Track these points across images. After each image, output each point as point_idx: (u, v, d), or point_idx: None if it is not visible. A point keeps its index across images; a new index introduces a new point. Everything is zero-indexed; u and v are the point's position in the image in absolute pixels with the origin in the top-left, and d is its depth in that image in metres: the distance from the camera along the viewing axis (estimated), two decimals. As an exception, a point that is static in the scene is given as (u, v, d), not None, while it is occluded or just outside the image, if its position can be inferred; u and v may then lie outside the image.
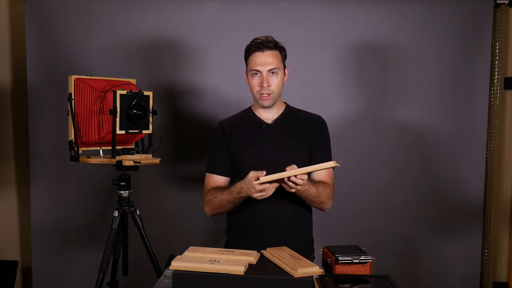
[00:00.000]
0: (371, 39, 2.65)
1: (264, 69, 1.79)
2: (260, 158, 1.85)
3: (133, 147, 2.11)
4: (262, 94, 1.81)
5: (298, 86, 2.54)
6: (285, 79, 1.88)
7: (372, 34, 2.65)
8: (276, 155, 1.85)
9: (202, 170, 1.92)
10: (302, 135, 1.88)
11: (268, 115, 1.90)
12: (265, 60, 1.80)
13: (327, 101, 2.63)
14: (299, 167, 1.87)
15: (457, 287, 2.72)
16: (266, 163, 1.84)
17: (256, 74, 1.81)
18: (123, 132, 1.94)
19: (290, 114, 1.92)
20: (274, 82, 1.81)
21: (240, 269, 1.27)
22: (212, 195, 1.84)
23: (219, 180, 1.89)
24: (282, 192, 1.84)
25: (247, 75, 1.88)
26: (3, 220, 2.88)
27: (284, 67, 1.88)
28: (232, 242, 1.95)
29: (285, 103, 1.96)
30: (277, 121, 1.90)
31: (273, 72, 1.81)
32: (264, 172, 1.62)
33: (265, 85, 1.79)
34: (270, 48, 1.81)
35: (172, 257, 1.74)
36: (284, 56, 1.88)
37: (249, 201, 1.86)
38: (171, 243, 2.58)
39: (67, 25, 2.61)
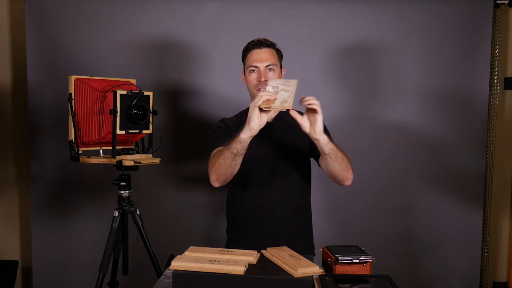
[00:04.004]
0: (370, 38, 2.65)
1: (262, 65, 1.82)
2: (261, 156, 1.86)
3: (133, 147, 2.11)
4: (260, 89, 1.82)
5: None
6: (281, 79, 1.90)
7: (372, 34, 2.65)
8: (276, 153, 1.88)
9: (202, 170, 1.92)
10: (298, 131, 1.89)
11: None
12: (263, 56, 1.83)
13: (327, 100, 2.63)
14: (298, 163, 1.90)
15: (457, 287, 2.72)
16: (267, 161, 1.87)
17: (254, 70, 1.84)
18: (123, 132, 1.94)
19: (287, 113, 1.94)
20: (272, 78, 1.82)
21: (240, 269, 1.27)
22: (214, 158, 1.75)
23: None
24: (281, 188, 1.86)
25: (244, 75, 1.90)
26: (3, 220, 2.88)
27: (281, 67, 1.91)
28: (233, 240, 1.96)
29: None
30: (275, 120, 1.91)
31: (270, 69, 1.84)
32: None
33: (262, 79, 1.81)
34: (268, 46, 1.86)
35: (172, 257, 1.74)
36: (280, 57, 1.91)
37: (249, 198, 1.87)
38: (171, 243, 2.58)
39: (67, 25, 2.61)
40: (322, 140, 1.59)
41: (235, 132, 1.89)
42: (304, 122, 1.58)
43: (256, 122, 1.55)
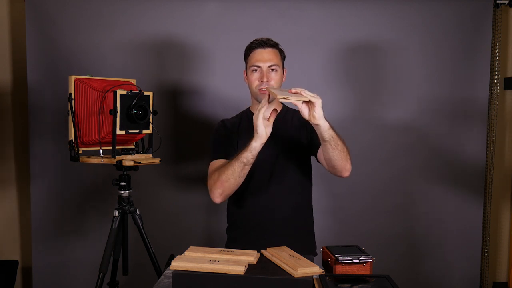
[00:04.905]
0: (370, 38, 2.65)
1: (265, 65, 1.82)
2: (261, 156, 1.85)
3: (133, 147, 2.11)
4: (262, 89, 1.82)
5: (298, 86, 2.53)
6: (283, 79, 1.90)
7: (372, 33, 2.65)
8: (276, 153, 1.87)
9: (202, 170, 1.92)
10: (299, 131, 1.90)
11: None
12: (266, 56, 1.82)
13: (327, 100, 2.60)
14: (299, 162, 1.90)
15: (457, 287, 2.72)
16: (267, 161, 1.87)
17: (256, 70, 1.83)
18: (123, 132, 1.94)
19: (287, 114, 1.95)
20: (274, 79, 1.83)
21: (240, 269, 1.27)
22: (218, 171, 1.74)
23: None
24: (281, 188, 1.86)
25: (246, 74, 1.90)
26: (3, 220, 2.88)
27: (283, 67, 1.90)
28: (233, 240, 1.95)
29: (282, 103, 1.97)
30: (275, 120, 1.91)
31: (272, 69, 1.83)
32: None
33: (265, 80, 1.80)
34: (271, 46, 1.85)
35: (172, 257, 1.74)
36: (283, 57, 1.91)
37: (249, 198, 1.87)
38: (171, 243, 2.58)
39: (67, 25, 2.61)
40: (322, 125, 1.57)
41: (235, 133, 1.89)
42: (303, 108, 1.57)
43: (263, 129, 1.59)
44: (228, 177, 1.70)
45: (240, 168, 1.67)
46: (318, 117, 1.55)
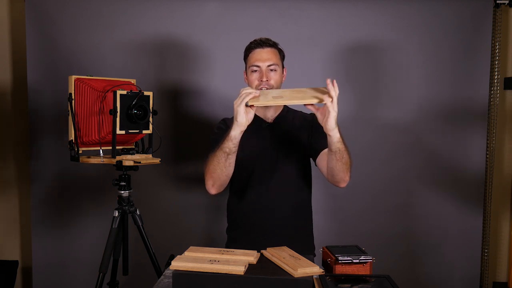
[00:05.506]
0: (370, 39, 2.65)
1: (264, 65, 1.82)
2: (261, 156, 1.86)
3: (133, 147, 2.11)
4: (261, 88, 1.82)
5: (298, 86, 2.53)
6: (283, 79, 1.90)
7: (372, 33, 2.65)
8: (276, 153, 1.88)
9: (202, 170, 1.92)
10: (299, 131, 1.90)
11: (267, 114, 1.92)
12: (265, 56, 1.83)
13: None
14: (299, 163, 1.90)
15: (457, 287, 2.72)
16: (267, 161, 1.87)
17: (255, 70, 1.84)
18: (123, 132, 1.94)
19: (288, 114, 1.95)
20: (273, 78, 1.83)
21: (240, 269, 1.27)
22: (207, 163, 1.76)
23: None
24: (281, 188, 1.86)
25: (246, 74, 1.90)
26: (3, 220, 2.88)
27: (283, 67, 1.90)
28: (233, 240, 1.96)
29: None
30: (276, 120, 1.92)
31: (272, 69, 1.83)
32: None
33: (264, 79, 1.81)
34: (270, 46, 1.86)
35: (172, 257, 1.74)
36: (282, 57, 1.91)
37: (249, 198, 1.87)
38: (171, 243, 2.58)
39: (67, 25, 2.61)
40: (333, 137, 1.59)
41: None
42: (319, 114, 1.59)
43: (243, 117, 1.59)
44: (214, 168, 1.71)
45: (224, 158, 1.68)
46: (329, 128, 1.57)
